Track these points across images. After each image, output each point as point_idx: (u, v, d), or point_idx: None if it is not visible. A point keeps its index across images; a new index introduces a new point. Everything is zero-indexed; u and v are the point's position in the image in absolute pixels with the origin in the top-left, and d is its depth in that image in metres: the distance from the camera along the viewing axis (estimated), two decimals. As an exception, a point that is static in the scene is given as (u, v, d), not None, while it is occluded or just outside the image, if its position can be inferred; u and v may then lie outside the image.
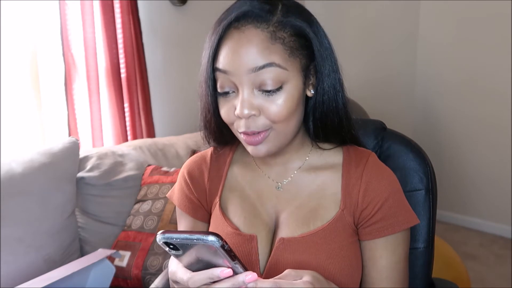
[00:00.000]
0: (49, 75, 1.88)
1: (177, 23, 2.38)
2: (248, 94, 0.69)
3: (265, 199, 0.81)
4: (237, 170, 0.85)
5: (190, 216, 0.86)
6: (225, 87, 0.71)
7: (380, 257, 0.75)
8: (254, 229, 0.78)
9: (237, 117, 0.71)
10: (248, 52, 0.67)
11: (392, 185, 0.77)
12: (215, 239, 0.54)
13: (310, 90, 0.75)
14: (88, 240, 1.61)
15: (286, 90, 0.70)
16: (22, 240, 1.39)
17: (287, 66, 0.69)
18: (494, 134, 2.81)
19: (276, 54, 0.68)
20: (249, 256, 0.76)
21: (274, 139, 0.72)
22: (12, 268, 1.35)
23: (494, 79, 2.75)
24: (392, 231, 0.75)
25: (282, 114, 0.70)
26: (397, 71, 3.14)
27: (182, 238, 0.55)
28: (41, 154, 1.53)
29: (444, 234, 2.84)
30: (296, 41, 0.70)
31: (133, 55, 2.06)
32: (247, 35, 0.68)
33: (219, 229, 0.80)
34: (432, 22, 2.99)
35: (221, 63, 0.70)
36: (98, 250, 1.30)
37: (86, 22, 1.87)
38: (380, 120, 1.00)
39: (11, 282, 1.34)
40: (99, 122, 1.96)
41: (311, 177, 0.79)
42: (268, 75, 0.68)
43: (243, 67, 0.68)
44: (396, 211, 0.75)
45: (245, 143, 0.74)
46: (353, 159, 0.79)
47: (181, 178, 0.88)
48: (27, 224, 1.42)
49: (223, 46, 0.70)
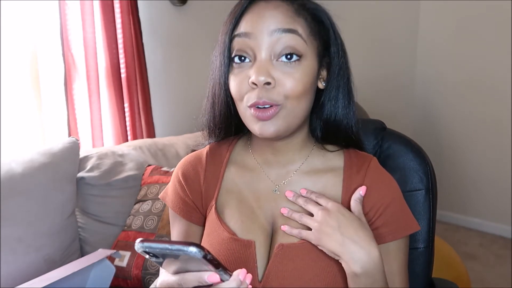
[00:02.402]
0: (49, 75, 1.87)
1: (177, 23, 2.38)
2: (265, 60, 0.68)
3: (262, 201, 0.78)
4: (234, 171, 0.81)
5: (184, 219, 0.82)
6: (242, 54, 0.70)
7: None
8: (252, 234, 0.75)
9: (251, 86, 0.68)
10: (273, 16, 0.68)
11: (394, 191, 0.76)
12: (196, 249, 0.52)
13: (321, 82, 0.75)
14: (88, 240, 1.61)
15: (303, 65, 0.69)
16: (22, 240, 1.39)
17: (307, 41, 0.70)
18: (494, 133, 2.81)
19: (300, 25, 0.69)
20: (247, 263, 0.73)
21: (284, 118, 0.69)
22: (12, 268, 1.35)
23: (494, 78, 2.75)
24: (393, 238, 0.74)
25: (298, 89, 0.68)
26: (397, 71, 3.14)
27: (161, 248, 0.53)
28: (41, 154, 1.53)
29: (444, 234, 2.84)
30: (315, 25, 0.72)
31: (133, 55, 2.06)
32: (274, 4, 0.70)
33: (215, 234, 0.76)
34: (432, 22, 2.99)
35: (242, 27, 0.70)
36: (98, 250, 1.29)
37: (86, 22, 1.87)
38: (380, 120, 1.00)
39: (11, 282, 1.33)
40: (99, 122, 1.96)
41: (311, 180, 0.77)
42: (290, 42, 0.68)
43: (266, 28, 0.68)
44: (398, 218, 0.75)
45: (252, 120, 0.70)
46: (355, 164, 0.78)
47: (175, 179, 0.84)
48: (27, 224, 1.42)
49: (247, 14, 0.70)
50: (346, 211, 0.71)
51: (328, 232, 0.69)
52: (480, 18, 2.74)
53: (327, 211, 0.71)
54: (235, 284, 0.56)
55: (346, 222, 0.69)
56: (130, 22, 2.03)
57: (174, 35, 2.38)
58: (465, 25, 2.82)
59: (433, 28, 2.99)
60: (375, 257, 0.68)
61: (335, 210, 0.71)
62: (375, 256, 0.68)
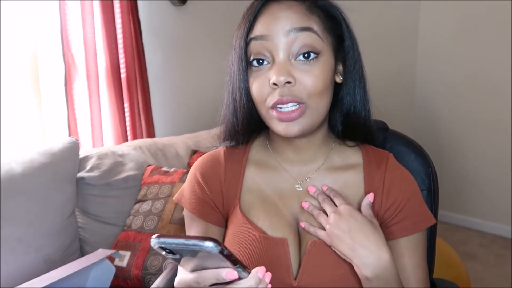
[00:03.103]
0: (49, 75, 1.87)
1: (177, 23, 2.38)
2: (284, 60, 0.69)
3: (286, 199, 0.78)
4: (254, 170, 0.81)
5: (203, 220, 0.81)
6: (259, 57, 0.70)
7: (403, 255, 0.75)
8: (281, 231, 0.75)
9: (272, 87, 0.69)
10: (287, 16, 0.69)
11: (413, 186, 0.78)
12: (213, 244, 0.50)
13: (338, 76, 0.76)
14: (88, 240, 1.61)
15: (321, 62, 0.70)
16: (22, 240, 1.39)
17: (323, 38, 0.71)
18: (494, 133, 2.81)
19: (314, 22, 0.70)
20: (280, 261, 0.73)
21: (309, 116, 0.70)
22: (12, 268, 1.35)
23: (494, 77, 2.75)
24: (413, 231, 0.75)
25: (318, 86, 0.69)
26: (397, 70, 3.14)
27: (177, 243, 0.52)
28: (41, 154, 1.53)
29: (444, 234, 2.84)
30: (329, 21, 0.73)
31: (133, 55, 2.06)
32: (286, 4, 0.70)
33: (244, 233, 0.75)
34: (432, 21, 2.99)
35: (258, 30, 0.70)
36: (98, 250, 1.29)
37: (86, 22, 1.87)
38: (382, 120, 1.00)
39: (11, 282, 1.33)
40: (99, 122, 1.96)
41: (333, 177, 0.78)
42: (306, 40, 0.69)
43: (281, 29, 0.68)
44: (417, 211, 0.76)
45: (276, 122, 0.71)
46: (373, 160, 0.79)
47: (193, 180, 0.82)
48: (27, 224, 1.42)
49: (261, 16, 0.71)
50: (357, 214, 0.72)
51: (338, 236, 0.70)
52: (480, 18, 2.74)
53: (338, 214, 0.72)
54: (253, 282, 0.54)
55: (356, 226, 0.70)
56: (130, 22, 2.03)
57: (174, 35, 2.38)
58: (465, 25, 2.82)
59: (433, 28, 2.99)
60: (385, 261, 0.68)
61: (346, 213, 0.72)
62: (386, 260, 0.68)
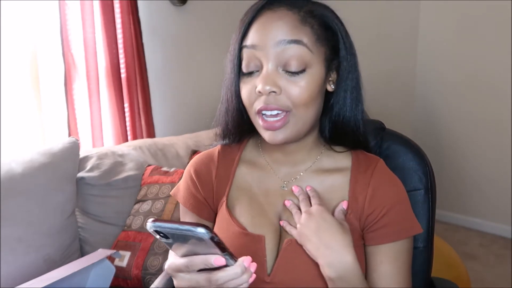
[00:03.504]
0: (49, 75, 1.87)
1: (177, 23, 2.38)
2: (272, 70, 0.70)
3: (271, 198, 0.80)
4: (245, 169, 0.84)
5: (195, 215, 0.85)
6: (250, 65, 0.72)
7: (381, 262, 0.75)
8: (262, 229, 0.77)
9: (258, 94, 0.71)
10: (278, 27, 0.70)
11: (399, 193, 0.78)
12: (205, 231, 0.54)
13: (330, 85, 0.76)
14: (88, 240, 1.61)
15: (309, 74, 0.71)
16: (22, 240, 1.39)
17: (313, 50, 0.71)
18: (494, 133, 2.81)
19: (305, 35, 0.70)
20: (257, 257, 0.75)
21: (293, 125, 0.72)
22: (12, 268, 1.35)
23: (494, 77, 2.75)
24: (396, 238, 0.75)
25: (304, 97, 0.70)
26: (397, 70, 3.14)
27: (172, 228, 0.56)
28: (41, 154, 1.53)
29: (444, 234, 2.84)
30: (323, 31, 0.73)
31: (133, 55, 2.06)
32: (279, 14, 0.71)
33: (226, 228, 0.79)
34: (432, 21, 2.99)
35: (250, 38, 0.72)
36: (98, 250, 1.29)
37: (86, 22, 1.87)
38: (379, 120, 1.00)
39: (11, 282, 1.34)
40: (99, 122, 1.96)
41: (319, 179, 0.80)
42: (295, 53, 0.69)
43: (271, 40, 0.69)
44: (401, 219, 0.76)
45: (262, 129, 0.74)
46: (362, 165, 0.79)
47: (187, 176, 0.87)
48: (27, 224, 1.42)
49: (254, 24, 0.72)
50: (328, 215, 0.73)
51: (307, 235, 0.72)
52: (480, 18, 2.74)
53: (309, 214, 0.73)
54: (239, 270, 0.58)
55: (325, 226, 0.72)
56: (130, 22, 2.03)
57: (174, 35, 2.38)
58: (465, 25, 2.82)
59: (433, 28, 2.99)
60: (347, 262, 0.70)
61: (317, 214, 0.73)
62: (348, 262, 0.70)
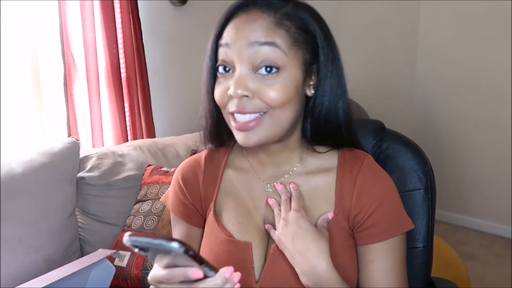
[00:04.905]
0: (49, 75, 1.88)
1: (177, 23, 2.38)
2: (244, 73, 0.68)
3: (257, 201, 0.79)
4: (232, 173, 0.82)
5: (185, 222, 0.84)
6: (223, 64, 0.70)
7: (372, 261, 0.74)
8: (248, 235, 0.76)
9: (230, 98, 0.69)
10: (252, 28, 0.68)
11: (386, 190, 0.76)
12: (178, 245, 0.53)
13: (310, 89, 0.74)
14: (88, 240, 1.61)
15: (283, 77, 0.68)
16: (22, 240, 1.39)
17: (288, 53, 0.68)
18: (494, 133, 2.81)
19: (279, 37, 0.68)
20: (244, 264, 0.74)
21: (267, 127, 0.70)
22: (12, 268, 1.35)
23: (494, 78, 2.75)
24: (385, 237, 0.74)
25: (279, 99, 0.68)
26: (397, 70, 3.14)
27: (146, 242, 0.56)
28: (41, 154, 1.53)
29: (444, 234, 2.84)
30: (301, 34, 0.70)
31: (133, 55, 2.06)
32: (253, 16, 0.69)
33: (213, 236, 0.78)
34: (432, 22, 2.99)
35: (224, 37, 0.70)
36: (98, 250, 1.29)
37: (86, 22, 1.87)
38: (379, 120, 1.00)
39: (11, 282, 1.34)
40: (99, 122, 1.96)
41: (304, 179, 0.78)
42: (268, 55, 0.67)
43: (244, 40, 0.68)
44: (390, 217, 0.74)
45: (235, 131, 0.72)
46: (348, 163, 0.78)
47: (175, 183, 0.86)
48: (27, 224, 1.42)
49: (229, 25, 0.71)
50: (304, 222, 0.72)
51: (284, 242, 0.72)
52: (480, 18, 2.74)
53: (286, 221, 0.72)
54: (219, 281, 0.57)
55: (300, 234, 0.71)
56: (130, 22, 2.03)
57: (174, 35, 2.38)
58: (465, 25, 2.82)
59: (433, 28, 2.99)
60: (321, 270, 0.69)
61: (292, 221, 0.72)
62: (321, 270, 0.69)
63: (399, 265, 0.76)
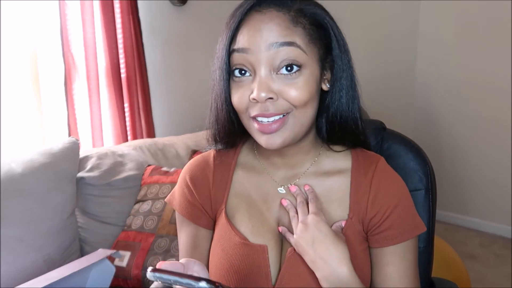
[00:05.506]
0: (49, 75, 1.88)
1: (177, 23, 2.38)
2: (266, 75, 0.67)
3: (270, 203, 0.78)
4: (242, 174, 0.81)
5: (193, 223, 0.81)
6: (241, 69, 0.68)
7: (387, 263, 0.74)
8: (263, 238, 0.75)
9: (253, 101, 0.68)
10: (269, 29, 0.66)
11: (401, 192, 0.76)
12: (207, 286, 0.51)
13: (325, 84, 0.74)
14: (88, 240, 1.61)
15: (305, 74, 0.68)
16: (22, 240, 1.39)
17: (306, 51, 0.68)
18: (494, 133, 2.81)
19: (297, 36, 0.67)
20: (260, 268, 0.73)
21: (291, 127, 0.69)
22: (12, 268, 1.35)
23: (494, 78, 2.75)
24: (400, 240, 0.73)
25: (303, 97, 0.67)
26: (397, 70, 3.14)
27: (172, 279, 0.53)
28: (41, 154, 1.53)
29: (444, 234, 2.84)
30: (315, 30, 0.70)
31: (133, 55, 2.06)
32: (269, 16, 0.67)
33: (226, 238, 0.76)
34: (432, 21, 2.99)
35: (239, 42, 0.68)
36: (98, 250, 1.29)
37: (86, 22, 1.87)
38: (379, 120, 1.00)
39: (11, 282, 1.33)
40: (99, 122, 1.96)
41: (318, 181, 0.77)
42: (288, 55, 0.66)
43: (263, 43, 0.66)
44: (405, 220, 0.74)
45: (258, 134, 0.70)
46: (362, 165, 0.77)
47: (182, 183, 0.83)
48: (27, 224, 1.42)
49: (243, 27, 0.68)
50: (323, 225, 0.71)
51: (303, 247, 0.71)
52: (480, 18, 2.74)
53: (305, 225, 0.72)
54: None
55: (321, 238, 0.70)
56: (130, 22, 2.03)
57: (174, 35, 2.38)
58: (465, 24, 2.82)
59: (433, 28, 2.99)
60: (342, 275, 0.68)
61: (312, 224, 0.71)
62: (343, 275, 0.68)
63: (413, 267, 0.76)
